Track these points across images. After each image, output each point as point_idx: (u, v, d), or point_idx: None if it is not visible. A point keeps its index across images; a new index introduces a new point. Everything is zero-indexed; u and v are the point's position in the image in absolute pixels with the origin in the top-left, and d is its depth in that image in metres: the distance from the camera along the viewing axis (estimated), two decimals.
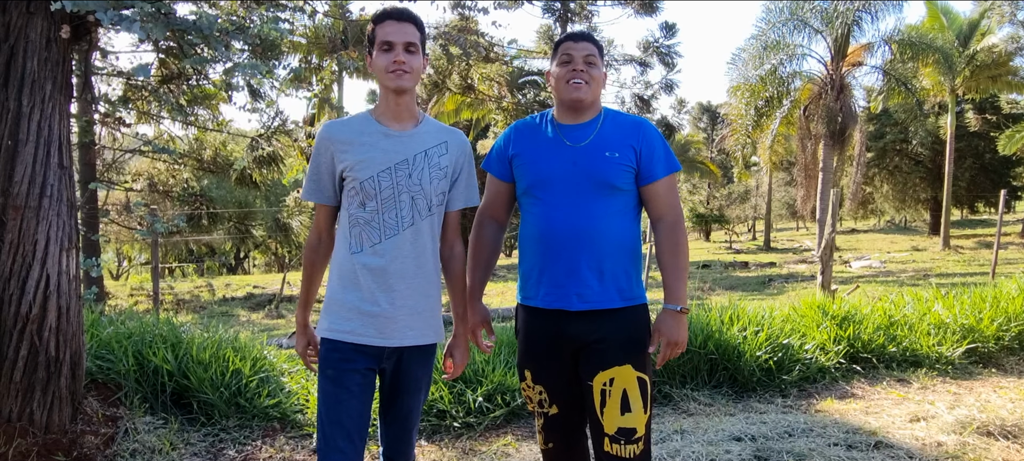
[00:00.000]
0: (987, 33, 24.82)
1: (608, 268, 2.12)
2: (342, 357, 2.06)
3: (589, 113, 2.20)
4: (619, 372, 2.10)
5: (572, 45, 2.19)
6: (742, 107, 21.53)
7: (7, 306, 3.07)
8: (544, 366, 2.23)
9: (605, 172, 2.11)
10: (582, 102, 2.16)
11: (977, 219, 42.81)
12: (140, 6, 2.89)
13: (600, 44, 2.24)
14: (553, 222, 2.13)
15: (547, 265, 2.15)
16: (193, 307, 16.90)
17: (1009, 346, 5.54)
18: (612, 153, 2.13)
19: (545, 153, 2.19)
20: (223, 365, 3.91)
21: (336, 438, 2.02)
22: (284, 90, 4.96)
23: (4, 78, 3.00)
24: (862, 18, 20.07)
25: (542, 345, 2.22)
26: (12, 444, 3.02)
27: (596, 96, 2.20)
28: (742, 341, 4.72)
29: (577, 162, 2.13)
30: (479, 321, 2.35)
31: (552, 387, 2.24)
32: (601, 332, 2.12)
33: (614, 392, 2.10)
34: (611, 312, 2.13)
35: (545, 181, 2.16)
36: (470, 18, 20.22)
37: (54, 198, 3.09)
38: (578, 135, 2.17)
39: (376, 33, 2.06)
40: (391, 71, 2.02)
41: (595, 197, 2.12)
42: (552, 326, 2.17)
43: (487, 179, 2.36)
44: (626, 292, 2.15)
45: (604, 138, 2.16)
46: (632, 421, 2.10)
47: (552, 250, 2.14)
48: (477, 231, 2.36)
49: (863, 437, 3.71)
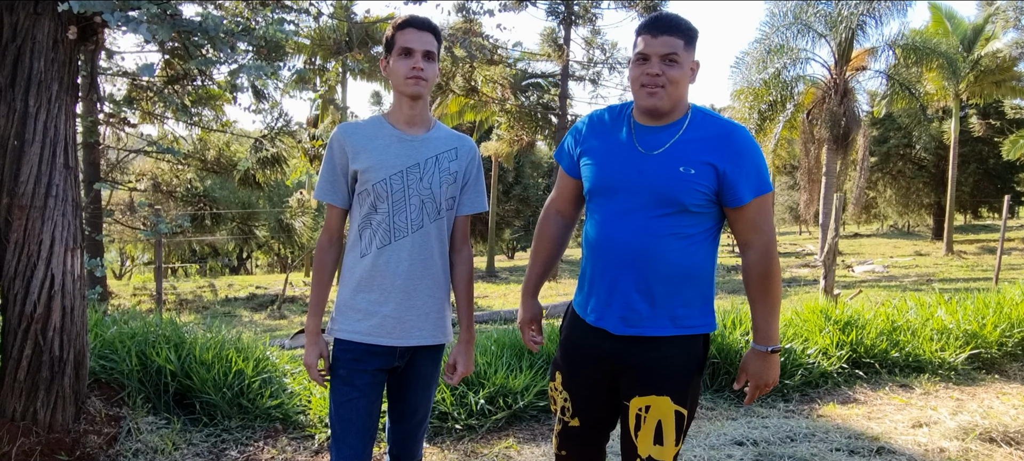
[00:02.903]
0: (992, 38, 24.80)
1: (661, 293, 1.90)
2: (354, 357, 2.10)
3: (672, 115, 1.92)
4: (656, 402, 1.95)
5: (650, 39, 1.86)
6: (745, 111, 21.53)
7: (12, 305, 3.09)
8: (575, 377, 2.12)
9: (674, 189, 1.85)
10: (658, 110, 1.89)
11: (980, 224, 42.69)
12: (146, 7, 2.90)
13: (689, 29, 1.88)
14: (608, 234, 1.94)
15: (596, 279, 1.99)
16: (196, 307, 16.94)
17: (1012, 352, 5.53)
18: (687, 168, 1.85)
19: (613, 157, 1.95)
20: (226, 366, 3.91)
21: (346, 435, 2.09)
22: (288, 91, 4.98)
23: (11, 78, 3.01)
24: (866, 22, 20.08)
25: (578, 356, 2.09)
26: (16, 443, 3.03)
27: (677, 99, 1.89)
28: (744, 346, 4.71)
29: (644, 172, 1.88)
30: (528, 318, 2.23)
31: (578, 400, 2.12)
32: (645, 358, 1.96)
33: (648, 420, 1.96)
34: (660, 340, 1.94)
35: (607, 188, 1.94)
36: (474, 21, 20.25)
37: (59, 198, 3.10)
38: (653, 141, 1.90)
39: (396, 39, 2.08)
40: (409, 78, 2.06)
41: (658, 214, 1.87)
42: (592, 342, 2.03)
43: (558, 170, 2.20)
44: (682, 320, 1.94)
45: (682, 148, 1.87)
46: (661, 454, 1.97)
47: (601, 264, 1.96)
48: (540, 225, 2.22)
49: (865, 442, 3.71)
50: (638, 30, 1.91)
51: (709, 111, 1.96)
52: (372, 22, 7.71)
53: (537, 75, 24.60)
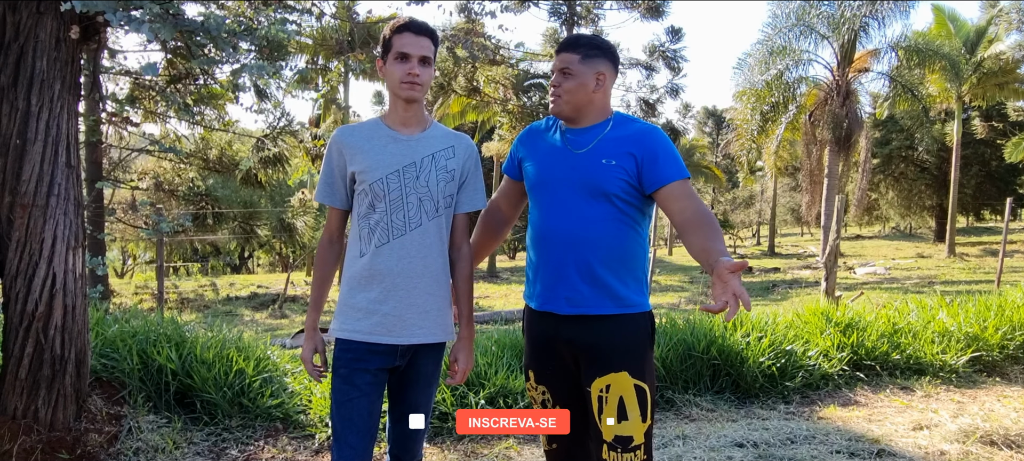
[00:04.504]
0: (994, 40, 24.78)
1: (601, 274, 2.11)
2: (355, 357, 2.11)
3: (592, 119, 2.19)
4: (615, 379, 2.09)
5: (555, 57, 2.21)
6: (748, 112, 21.53)
7: (14, 304, 3.09)
8: (544, 367, 2.26)
9: (599, 179, 2.11)
10: (560, 114, 2.20)
11: (983, 226, 42.65)
12: (149, 7, 2.91)
13: (586, 43, 2.19)
14: (547, 225, 2.17)
15: (540, 267, 2.19)
16: (197, 306, 16.97)
17: (1014, 355, 5.52)
18: (609, 160, 2.12)
19: (548, 157, 2.22)
20: (226, 365, 3.92)
21: (347, 434, 2.10)
22: (290, 91, 4.99)
23: (13, 77, 3.02)
24: (869, 24, 20.06)
25: (540, 346, 2.26)
26: (17, 441, 3.04)
27: (578, 104, 2.17)
28: (745, 347, 4.71)
29: (575, 167, 2.15)
30: None
31: (554, 388, 2.26)
32: (595, 338, 2.12)
33: (610, 399, 2.10)
34: (605, 318, 2.12)
35: (544, 184, 2.20)
36: (477, 21, 20.26)
37: (61, 197, 3.11)
38: (580, 141, 2.18)
39: (393, 42, 2.11)
40: (404, 82, 2.09)
41: (590, 203, 2.12)
42: (546, 328, 2.21)
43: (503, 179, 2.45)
44: (622, 299, 2.12)
45: (604, 145, 2.15)
46: (628, 429, 2.09)
47: (545, 252, 2.18)
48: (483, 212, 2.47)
49: (866, 445, 3.71)
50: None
51: (630, 116, 2.26)
52: (374, 22, 7.72)
53: (539, 76, 24.61)
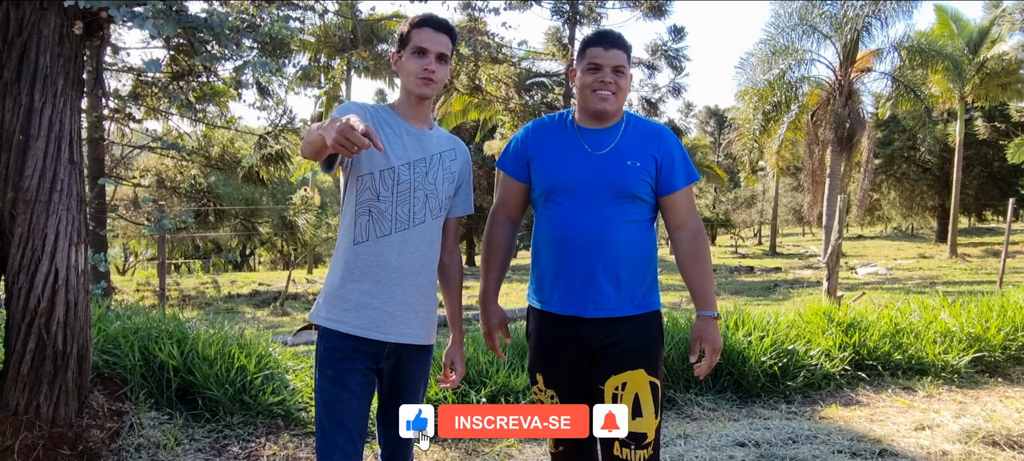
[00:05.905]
0: (997, 40, 24.72)
1: (624, 276, 2.10)
2: (341, 356, 2.05)
3: (612, 119, 2.17)
4: (632, 376, 2.09)
5: (601, 53, 2.12)
6: (750, 111, 21.50)
7: (16, 300, 3.10)
8: (556, 371, 2.21)
9: (625, 181, 2.09)
10: (607, 113, 2.14)
11: (985, 227, 42.56)
12: (152, 3, 2.90)
13: (629, 46, 2.17)
14: (570, 228, 2.11)
15: (562, 270, 2.13)
16: (199, 303, 16.99)
17: (1016, 356, 5.51)
18: (633, 162, 2.10)
19: (565, 157, 2.15)
20: (228, 362, 3.92)
21: (337, 437, 2.02)
22: (293, 88, 4.98)
23: (16, 73, 3.02)
24: (871, 24, 20.01)
25: (555, 350, 2.20)
26: (18, 437, 3.04)
27: (621, 104, 2.17)
28: (747, 346, 4.71)
29: (597, 169, 2.11)
30: (496, 324, 2.33)
31: (564, 392, 2.22)
32: (615, 337, 2.11)
33: (626, 396, 2.09)
34: (626, 319, 2.12)
35: (564, 186, 2.13)
36: (479, 20, 20.24)
37: (64, 193, 3.11)
38: (599, 141, 2.14)
39: (412, 36, 2.06)
40: (420, 78, 2.05)
41: (613, 205, 2.10)
42: (566, 331, 2.16)
43: (501, 178, 2.31)
44: (640, 300, 2.14)
45: (626, 146, 2.13)
46: (643, 426, 2.09)
47: (568, 256, 2.12)
48: (491, 231, 2.33)
49: (867, 445, 3.70)
50: (586, 43, 2.16)
51: (635, 114, 2.25)
52: (377, 20, 7.72)
53: (541, 74, 24.57)
